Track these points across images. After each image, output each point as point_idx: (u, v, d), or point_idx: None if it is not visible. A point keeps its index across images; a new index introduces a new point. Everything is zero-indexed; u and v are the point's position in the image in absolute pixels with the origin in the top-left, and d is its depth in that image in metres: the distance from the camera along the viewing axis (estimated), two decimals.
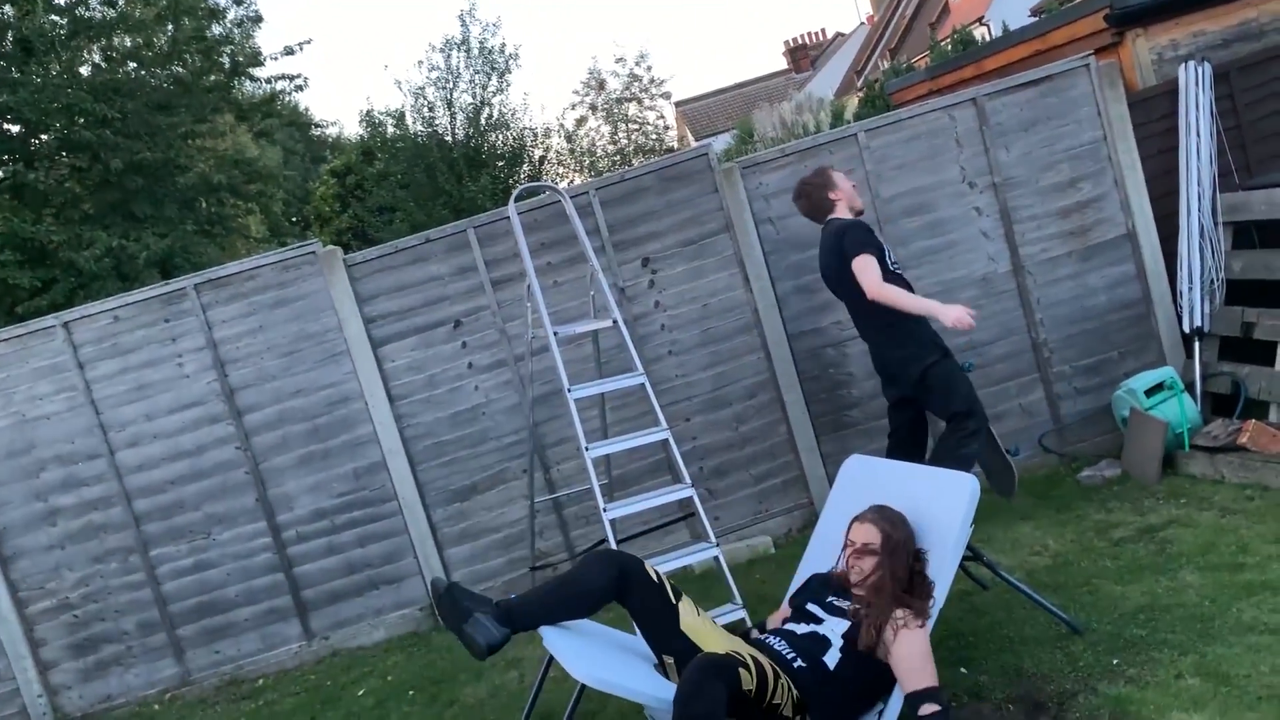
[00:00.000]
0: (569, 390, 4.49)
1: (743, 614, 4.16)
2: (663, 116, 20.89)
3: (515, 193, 5.08)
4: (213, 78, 12.86)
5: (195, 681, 5.45)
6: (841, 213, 4.70)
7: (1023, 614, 3.84)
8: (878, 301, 4.41)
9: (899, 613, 3.19)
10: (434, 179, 15.39)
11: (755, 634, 3.54)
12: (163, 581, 5.43)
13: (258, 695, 5.16)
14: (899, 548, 3.38)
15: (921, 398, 4.59)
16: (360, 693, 4.86)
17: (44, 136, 11.70)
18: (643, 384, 4.67)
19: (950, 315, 4.29)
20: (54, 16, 11.33)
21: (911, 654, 3.10)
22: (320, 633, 5.52)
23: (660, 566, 4.09)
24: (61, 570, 5.37)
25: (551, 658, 3.23)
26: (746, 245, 5.58)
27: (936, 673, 3.08)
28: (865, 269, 4.42)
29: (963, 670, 3.55)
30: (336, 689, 4.99)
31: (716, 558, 4.35)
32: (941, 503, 3.54)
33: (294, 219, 24.89)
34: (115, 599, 5.40)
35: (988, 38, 16.53)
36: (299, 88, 13.91)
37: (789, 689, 3.08)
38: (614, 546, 4.29)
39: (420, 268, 5.48)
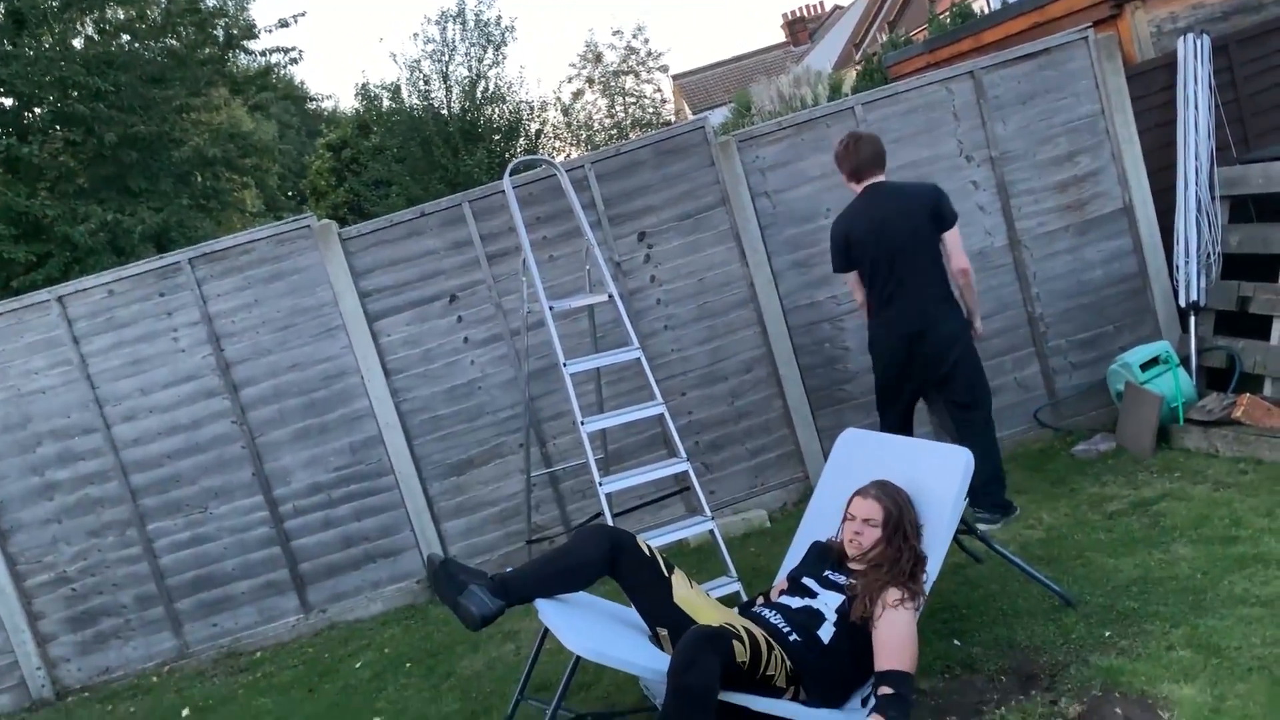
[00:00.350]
0: (564, 365, 4.48)
1: (737, 587, 4.18)
2: (660, 90, 20.78)
3: (510, 166, 5.05)
4: (206, 50, 12.79)
5: (193, 654, 5.48)
6: (884, 177, 4.66)
7: (1016, 587, 3.86)
8: (960, 274, 4.50)
9: (893, 592, 3.20)
10: (430, 153, 15.33)
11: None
12: (160, 555, 5.44)
13: (255, 668, 5.19)
14: (901, 525, 3.39)
15: (948, 375, 4.52)
16: (357, 665, 4.88)
17: (37, 110, 11.63)
18: (638, 359, 4.66)
19: (980, 325, 4.72)
20: None
21: (895, 634, 3.12)
22: (317, 606, 5.55)
23: (656, 540, 4.12)
24: (59, 544, 5.39)
25: (547, 630, 3.24)
26: (743, 219, 5.57)
27: (914, 661, 3.10)
28: (959, 239, 4.52)
29: (956, 642, 3.57)
30: (334, 661, 5.01)
31: (712, 531, 4.36)
32: (936, 476, 3.56)
33: (290, 193, 24.81)
34: (113, 572, 5.42)
35: (986, 10, 16.41)
36: (293, 61, 13.92)
37: (782, 660, 3.11)
38: (610, 520, 4.31)
39: (415, 242, 5.46)
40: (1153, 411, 5.08)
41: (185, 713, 4.78)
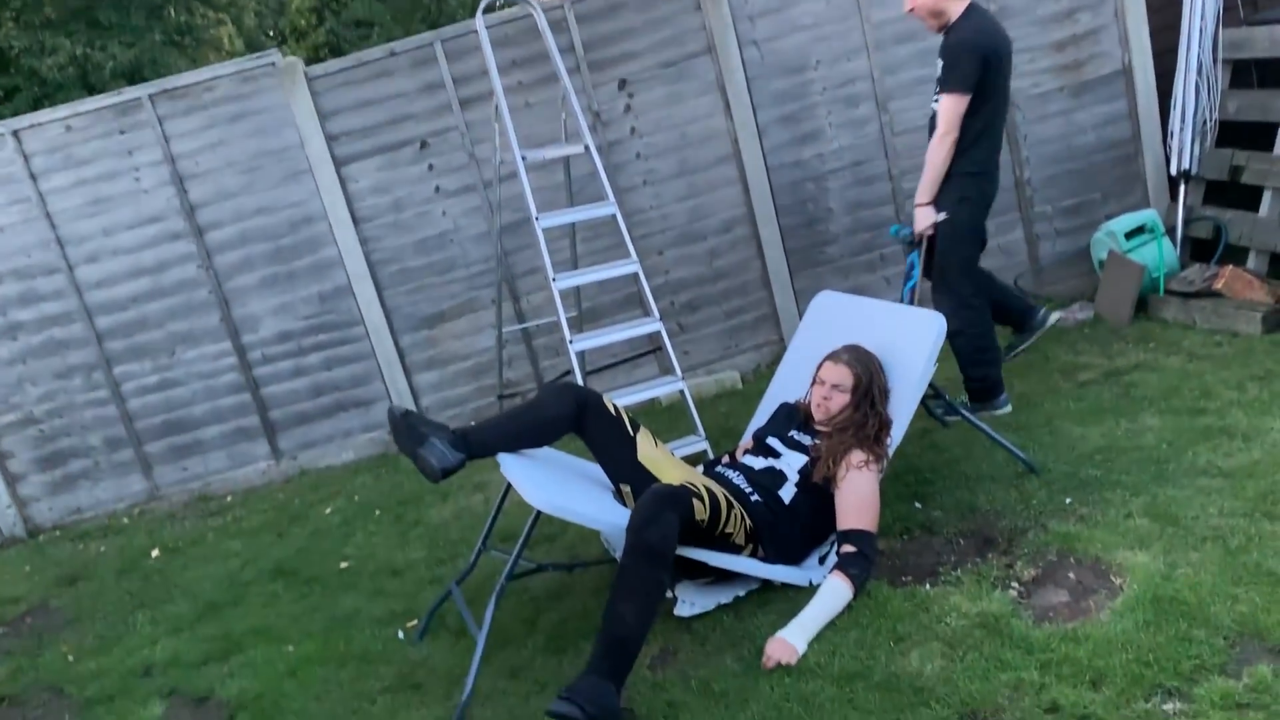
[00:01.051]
0: (537, 219, 4.35)
1: (704, 446, 4.17)
2: None
3: (483, 4, 4.79)
4: None
5: (164, 496, 5.50)
6: None
7: (981, 452, 3.85)
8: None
9: (857, 454, 3.20)
10: None
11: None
12: (128, 399, 5.40)
13: (225, 512, 5.23)
14: (870, 392, 3.36)
15: None
16: (327, 511, 4.92)
17: None
18: (614, 214, 4.53)
19: None
20: None
21: (858, 495, 3.13)
22: (288, 453, 5.55)
23: (625, 399, 4.09)
24: (25, 385, 5.33)
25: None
26: (729, 69, 5.35)
27: (876, 521, 3.12)
28: None
29: (917, 505, 3.58)
30: (304, 507, 5.05)
31: (682, 391, 4.33)
32: (907, 340, 3.51)
33: (269, 32, 23.88)
34: (80, 415, 5.39)
35: None
36: None
37: (742, 519, 3.12)
38: (580, 378, 4.27)
39: (384, 83, 5.23)
40: (1133, 281, 5.01)
41: (155, 553, 4.83)
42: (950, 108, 3.94)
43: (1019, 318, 4.63)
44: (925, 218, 4.12)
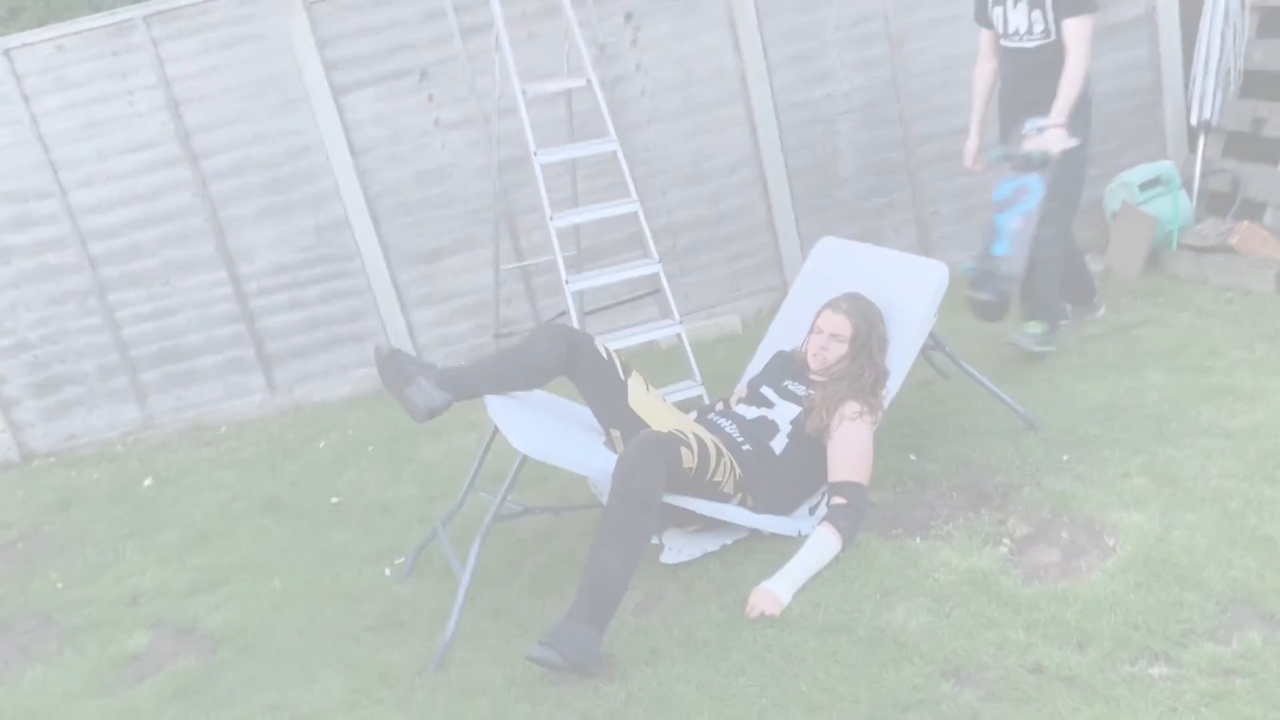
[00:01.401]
0: (536, 154, 4.25)
1: (700, 391, 4.12)
2: None
3: None
4: None
5: (158, 425, 5.46)
6: None
7: (980, 406, 3.79)
8: None
9: (851, 405, 3.15)
10: None
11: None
12: (122, 326, 5.34)
13: (219, 442, 5.20)
14: (868, 342, 3.30)
15: None
16: (320, 446, 4.89)
17: None
18: (615, 152, 4.41)
19: None
20: None
21: (850, 446, 3.09)
22: (284, 386, 5.51)
23: (621, 341, 4.03)
24: (18, 310, 5.27)
25: None
26: (739, 4, 5.20)
27: (868, 473, 3.09)
28: None
29: (912, 457, 3.53)
30: (298, 441, 5.02)
31: (679, 335, 4.26)
32: (909, 289, 3.44)
33: None
34: (74, 341, 5.33)
35: None
36: None
37: (732, 467, 3.07)
38: (576, 319, 4.21)
39: (384, 9, 5.08)
40: (1146, 234, 4.90)
41: (148, 482, 4.82)
42: (1084, 32, 3.94)
43: (1083, 293, 4.58)
44: (1063, 139, 4.00)
